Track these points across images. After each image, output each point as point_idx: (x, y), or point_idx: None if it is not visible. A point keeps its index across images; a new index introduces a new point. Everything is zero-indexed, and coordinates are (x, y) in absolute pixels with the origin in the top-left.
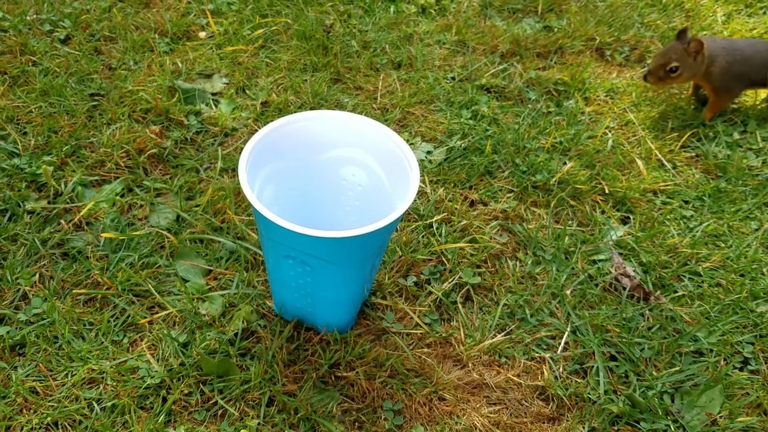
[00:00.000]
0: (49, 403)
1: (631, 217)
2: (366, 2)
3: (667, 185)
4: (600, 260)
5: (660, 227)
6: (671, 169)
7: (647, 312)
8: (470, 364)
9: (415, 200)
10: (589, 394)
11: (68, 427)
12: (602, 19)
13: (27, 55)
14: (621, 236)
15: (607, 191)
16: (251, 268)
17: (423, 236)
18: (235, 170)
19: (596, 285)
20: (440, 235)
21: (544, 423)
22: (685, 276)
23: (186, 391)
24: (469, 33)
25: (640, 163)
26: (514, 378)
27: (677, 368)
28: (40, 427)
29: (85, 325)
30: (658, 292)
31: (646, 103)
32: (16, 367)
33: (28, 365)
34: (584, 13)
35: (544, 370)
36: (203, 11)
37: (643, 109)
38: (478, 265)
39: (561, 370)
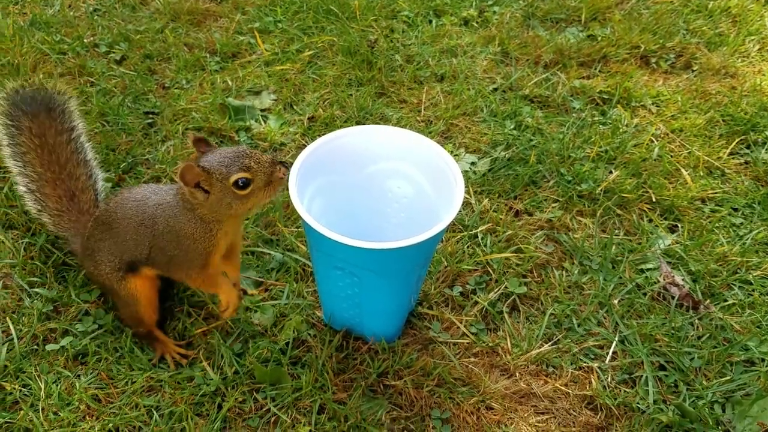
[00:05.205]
0: (111, 410)
1: (679, 225)
2: (409, 17)
3: (716, 193)
4: (648, 269)
5: (709, 235)
6: (720, 177)
7: (696, 321)
8: (517, 374)
9: (459, 211)
10: (638, 403)
11: None
12: (647, 26)
13: (85, 76)
14: (669, 245)
15: (654, 200)
16: (301, 279)
17: (468, 247)
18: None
19: (644, 294)
20: (485, 246)
21: None
22: (735, 284)
23: (240, 399)
24: (512, 44)
25: (685, 173)
26: (562, 387)
27: (728, 378)
28: None
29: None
30: (708, 301)
31: (693, 110)
32: (79, 376)
33: (91, 374)
34: (628, 21)
35: (592, 380)
36: (251, 29)
37: (690, 116)
38: (524, 275)
39: (609, 379)
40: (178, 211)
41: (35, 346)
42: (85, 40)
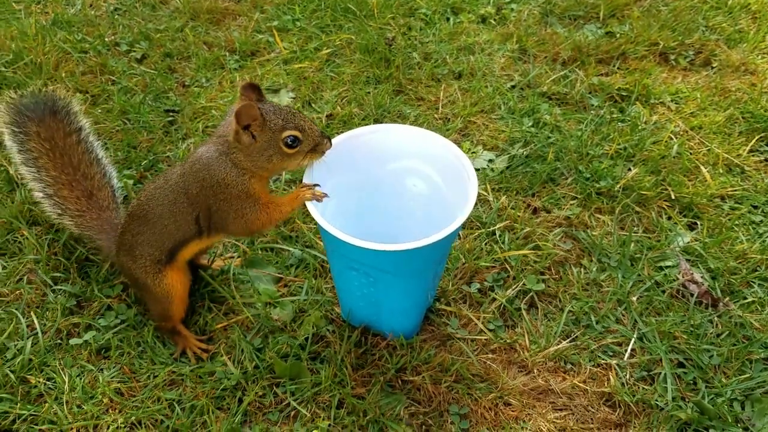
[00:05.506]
0: (133, 404)
1: (699, 222)
2: (426, 14)
3: (735, 190)
4: (667, 267)
5: (728, 233)
6: (739, 174)
7: (716, 319)
8: (535, 370)
9: (477, 208)
10: (656, 400)
11: (151, 426)
12: (666, 23)
13: (107, 74)
14: (688, 242)
15: (673, 197)
16: (319, 275)
17: (486, 244)
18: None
19: (663, 292)
20: (503, 243)
21: (611, 429)
22: (754, 282)
23: (260, 393)
24: (529, 41)
25: (704, 170)
26: (580, 384)
27: (747, 375)
28: (125, 426)
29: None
30: (727, 298)
31: (713, 107)
32: (102, 370)
33: (113, 368)
34: (647, 18)
35: (611, 377)
36: (270, 28)
37: (709, 113)
38: (542, 272)
39: (628, 376)
40: (209, 159)
41: (59, 341)
42: (106, 39)
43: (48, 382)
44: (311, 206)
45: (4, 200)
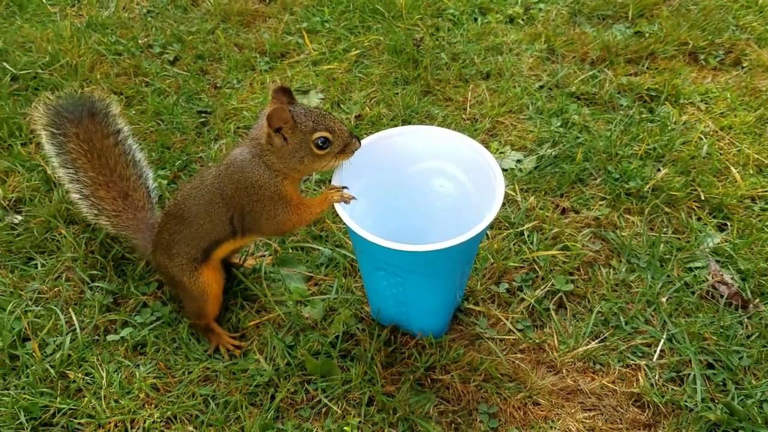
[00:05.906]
0: (169, 399)
1: (729, 224)
2: (454, 15)
3: (766, 191)
4: (696, 268)
5: (759, 234)
6: None
7: (746, 320)
8: (564, 370)
9: (505, 209)
10: (685, 401)
11: (186, 421)
12: (695, 22)
13: (140, 76)
14: (718, 243)
15: (703, 198)
16: (349, 274)
17: (514, 244)
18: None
19: (693, 293)
20: (532, 243)
21: (640, 430)
22: None
23: (292, 390)
24: (558, 41)
25: (734, 171)
26: (609, 384)
27: None
28: (161, 421)
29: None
30: (757, 299)
31: (743, 108)
32: (138, 365)
33: (149, 363)
34: (676, 18)
35: (640, 378)
36: (299, 29)
37: (739, 113)
38: (571, 273)
39: (657, 377)
40: (242, 161)
41: (96, 337)
42: (139, 41)
43: (86, 377)
44: (339, 208)
45: (42, 199)
